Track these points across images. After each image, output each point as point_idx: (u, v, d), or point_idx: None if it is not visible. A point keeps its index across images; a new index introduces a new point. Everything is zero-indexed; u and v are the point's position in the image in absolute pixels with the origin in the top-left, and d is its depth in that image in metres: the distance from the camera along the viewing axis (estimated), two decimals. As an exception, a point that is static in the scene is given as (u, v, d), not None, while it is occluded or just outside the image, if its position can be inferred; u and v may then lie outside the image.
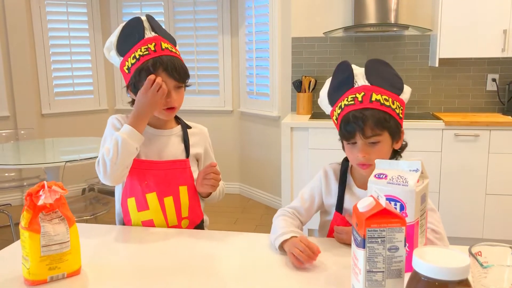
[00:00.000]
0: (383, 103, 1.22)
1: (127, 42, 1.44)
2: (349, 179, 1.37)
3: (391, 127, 1.24)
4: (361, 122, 1.20)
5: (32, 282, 1.03)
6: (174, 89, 1.43)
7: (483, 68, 3.49)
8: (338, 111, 1.27)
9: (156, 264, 1.15)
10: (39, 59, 4.26)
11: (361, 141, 1.22)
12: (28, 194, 1.03)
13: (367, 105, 1.21)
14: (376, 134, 1.22)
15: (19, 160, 3.14)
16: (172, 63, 1.40)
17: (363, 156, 1.23)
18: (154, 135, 1.52)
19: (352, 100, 1.23)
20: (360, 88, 1.24)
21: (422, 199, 0.97)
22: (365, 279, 0.82)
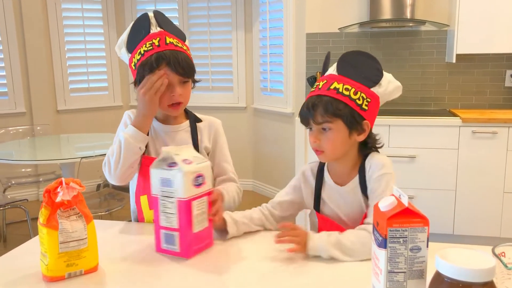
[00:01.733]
0: (341, 91, 1.23)
1: (135, 38, 1.43)
2: (326, 175, 1.36)
3: (345, 116, 1.23)
4: (312, 108, 1.23)
5: (51, 278, 1.04)
6: (179, 84, 1.41)
7: (502, 64, 3.42)
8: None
9: (172, 261, 1.15)
10: (54, 56, 4.29)
11: (314, 126, 1.25)
12: (46, 191, 1.03)
13: (324, 92, 1.24)
14: (326, 121, 1.23)
15: (35, 156, 3.18)
16: (175, 57, 1.38)
17: (313, 141, 1.26)
18: (163, 131, 1.51)
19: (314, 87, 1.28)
20: (325, 77, 1.28)
21: (194, 182, 1.13)
22: (386, 279, 0.80)
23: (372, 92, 1.26)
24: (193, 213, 1.14)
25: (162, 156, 1.17)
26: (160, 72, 1.36)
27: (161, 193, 1.16)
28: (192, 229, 1.14)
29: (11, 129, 3.77)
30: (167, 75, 1.37)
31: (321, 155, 1.28)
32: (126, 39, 1.46)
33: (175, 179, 1.12)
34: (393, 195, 0.83)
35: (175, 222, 1.14)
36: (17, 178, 3.69)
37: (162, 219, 1.16)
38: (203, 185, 1.17)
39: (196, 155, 1.21)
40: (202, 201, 1.17)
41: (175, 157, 1.14)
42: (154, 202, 1.18)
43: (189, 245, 1.15)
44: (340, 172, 1.33)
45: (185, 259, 1.15)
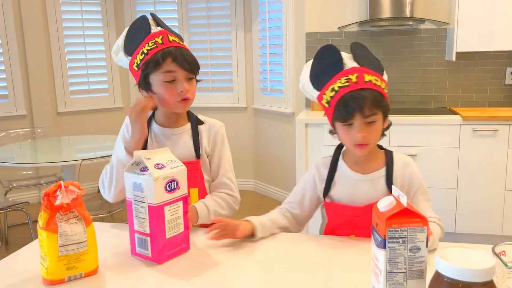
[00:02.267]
0: (375, 83, 1.25)
1: (134, 41, 1.43)
2: (341, 164, 1.38)
3: (384, 106, 1.27)
4: (360, 102, 1.22)
5: (51, 281, 1.04)
6: (186, 80, 1.40)
7: (502, 62, 3.42)
8: (330, 93, 1.27)
9: (172, 263, 1.15)
10: (54, 58, 4.30)
11: (359, 121, 1.24)
12: (45, 194, 1.03)
13: (363, 86, 1.23)
14: (373, 114, 1.24)
15: (36, 158, 3.18)
16: (181, 53, 1.38)
17: (362, 136, 1.25)
18: (164, 135, 1.50)
19: (346, 81, 1.25)
20: (351, 70, 1.27)
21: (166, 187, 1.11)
22: (385, 280, 0.80)
23: (385, 80, 1.31)
24: (166, 219, 1.12)
25: (135, 160, 1.15)
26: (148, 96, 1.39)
27: (134, 197, 1.14)
28: (164, 235, 1.13)
29: (12, 131, 3.77)
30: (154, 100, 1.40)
31: (365, 148, 1.28)
32: (122, 43, 1.46)
33: (145, 184, 1.10)
34: (392, 195, 0.83)
35: (147, 227, 1.12)
36: (18, 181, 3.69)
37: (135, 223, 1.15)
38: (177, 190, 1.14)
39: (172, 159, 1.18)
40: (175, 206, 1.15)
41: (146, 161, 1.11)
42: (128, 205, 1.16)
43: (161, 251, 1.13)
44: (361, 162, 1.35)
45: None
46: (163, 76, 1.38)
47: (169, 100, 1.41)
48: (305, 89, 1.38)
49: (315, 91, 1.33)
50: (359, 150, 1.28)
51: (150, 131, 1.51)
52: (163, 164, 1.14)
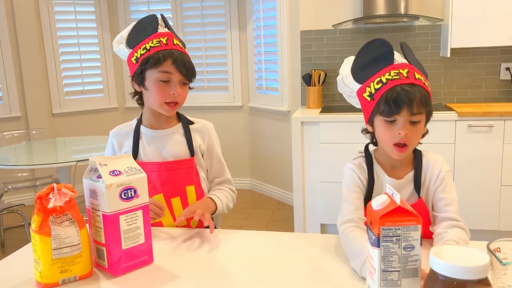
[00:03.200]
0: (424, 82, 1.19)
1: (139, 35, 1.45)
2: (379, 169, 1.30)
3: (430, 108, 1.20)
4: (411, 96, 1.14)
5: (45, 285, 1.03)
6: (180, 84, 1.43)
7: (496, 57, 3.42)
8: (376, 86, 1.19)
9: (167, 265, 1.14)
10: (48, 59, 4.27)
11: (405, 117, 1.16)
12: (38, 197, 1.02)
13: (414, 81, 1.16)
14: (420, 113, 1.17)
15: (31, 160, 3.16)
16: (181, 57, 1.41)
17: (405, 134, 1.16)
18: (155, 137, 1.51)
19: (396, 75, 1.17)
20: (403, 65, 1.20)
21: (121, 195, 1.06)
22: (380, 278, 0.80)
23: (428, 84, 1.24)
24: (121, 229, 1.07)
25: (90, 166, 1.10)
26: (162, 211, 1.37)
27: (91, 205, 1.10)
28: (120, 246, 1.07)
29: (6, 133, 3.75)
30: (163, 213, 1.37)
31: (405, 150, 1.19)
32: (126, 36, 1.48)
33: (99, 191, 1.06)
34: (386, 193, 0.83)
35: (103, 237, 1.07)
36: (14, 183, 3.67)
37: (93, 232, 1.10)
38: (135, 199, 1.09)
39: (131, 166, 1.12)
40: (133, 216, 1.09)
41: (99, 167, 1.07)
42: (87, 214, 1.12)
43: (117, 262, 1.08)
44: (394, 165, 1.28)
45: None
46: (159, 75, 1.40)
47: (158, 99, 1.43)
48: (344, 81, 1.30)
49: (356, 84, 1.26)
50: (397, 153, 1.20)
51: (140, 135, 1.52)
52: (120, 171, 1.09)
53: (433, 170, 1.27)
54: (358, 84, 1.25)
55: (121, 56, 1.53)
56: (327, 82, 3.59)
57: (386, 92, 1.16)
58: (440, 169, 1.27)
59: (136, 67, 1.44)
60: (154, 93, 1.43)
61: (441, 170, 1.27)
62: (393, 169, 1.29)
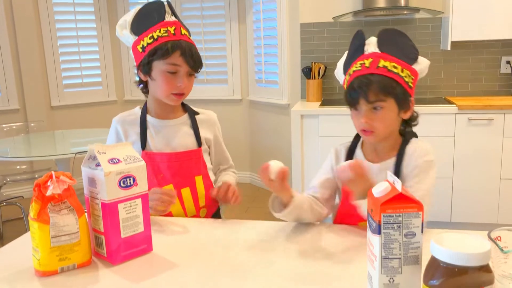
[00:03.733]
0: (391, 69, 1.22)
1: (144, 22, 1.42)
2: (359, 153, 1.36)
3: (397, 94, 1.23)
4: (365, 87, 1.20)
5: (43, 273, 1.03)
6: (186, 75, 1.42)
7: (497, 51, 3.41)
8: (347, 77, 1.28)
9: (167, 254, 1.14)
10: (47, 51, 4.25)
11: (365, 106, 1.23)
12: (36, 185, 1.01)
13: (373, 71, 1.22)
14: (380, 100, 1.22)
15: (30, 152, 3.15)
16: (189, 49, 1.40)
17: (365, 122, 1.23)
18: (162, 126, 1.51)
19: (359, 66, 1.24)
20: (369, 55, 1.25)
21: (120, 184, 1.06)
22: (381, 266, 0.79)
23: (413, 69, 1.27)
24: (120, 217, 1.06)
25: (90, 154, 1.09)
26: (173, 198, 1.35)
27: (89, 194, 1.09)
28: (119, 234, 1.07)
29: (4, 126, 3.74)
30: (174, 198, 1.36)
31: (371, 136, 1.26)
32: (131, 21, 1.44)
33: (98, 179, 1.05)
34: (387, 180, 0.82)
35: (102, 225, 1.07)
36: (12, 175, 3.66)
37: (92, 220, 1.10)
38: (134, 187, 1.08)
39: (130, 154, 1.11)
40: (132, 204, 1.08)
41: (98, 155, 1.06)
42: (86, 202, 1.12)
43: (116, 251, 1.07)
44: (378, 150, 1.33)
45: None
46: (167, 67, 1.39)
47: (164, 90, 1.42)
48: (337, 74, 1.39)
49: (343, 76, 1.34)
50: (365, 137, 1.28)
51: (147, 124, 1.51)
52: (119, 159, 1.08)
53: (412, 158, 1.28)
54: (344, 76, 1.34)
55: (125, 42, 1.49)
56: (327, 75, 3.57)
57: (349, 85, 1.25)
58: (420, 157, 1.27)
59: (142, 56, 1.42)
60: (161, 84, 1.42)
61: (419, 158, 1.27)
62: (377, 154, 1.33)
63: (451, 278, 0.72)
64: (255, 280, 0.99)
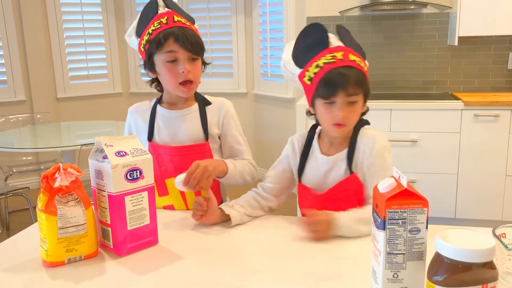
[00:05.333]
0: (359, 63, 1.23)
1: (143, 22, 1.43)
2: (315, 146, 1.36)
3: (366, 88, 1.25)
4: (345, 79, 1.20)
5: (50, 263, 1.04)
6: (188, 60, 1.39)
7: (504, 46, 3.39)
8: (314, 69, 1.24)
9: (172, 246, 1.15)
10: (53, 43, 4.26)
11: (342, 99, 1.22)
12: (44, 177, 1.02)
13: (348, 63, 1.21)
14: (355, 93, 1.22)
15: (36, 144, 3.17)
16: (183, 33, 1.36)
17: (343, 116, 1.22)
18: (170, 117, 1.49)
19: (332, 58, 1.22)
20: (337, 48, 1.24)
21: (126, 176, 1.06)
22: (385, 261, 0.80)
23: (367, 65, 1.29)
24: (127, 209, 1.07)
25: (97, 147, 1.10)
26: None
27: (96, 186, 1.10)
28: (125, 226, 1.08)
29: (11, 117, 3.75)
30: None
31: (343, 128, 1.25)
32: (135, 26, 1.47)
33: (105, 172, 1.06)
34: (393, 176, 0.83)
35: (108, 217, 1.08)
36: (18, 166, 3.69)
37: (98, 212, 1.11)
38: (140, 180, 1.09)
39: (137, 147, 1.12)
40: (138, 197, 1.09)
41: (105, 148, 1.07)
42: (93, 194, 1.13)
43: (122, 243, 1.08)
44: (334, 142, 1.33)
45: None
46: (165, 56, 1.38)
47: (171, 80, 1.41)
48: (286, 67, 1.34)
49: (297, 69, 1.30)
50: (336, 130, 1.26)
51: (156, 115, 1.51)
52: (126, 152, 1.08)
53: (365, 147, 1.29)
54: (299, 69, 1.29)
55: (134, 47, 1.51)
56: (333, 69, 3.56)
57: (323, 76, 1.21)
58: (372, 146, 1.28)
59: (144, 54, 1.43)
60: (165, 76, 1.41)
61: (373, 147, 1.28)
62: (332, 146, 1.33)
63: (455, 274, 0.72)
64: (259, 274, 1.00)
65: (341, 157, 1.30)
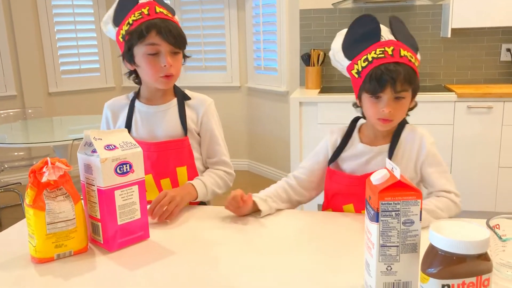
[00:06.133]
0: (410, 59, 1.22)
1: (122, 11, 1.39)
2: (355, 137, 1.36)
3: (415, 85, 1.25)
4: (394, 76, 1.19)
5: (39, 260, 1.02)
6: (170, 54, 1.36)
7: (497, 38, 3.38)
8: (363, 63, 1.23)
9: (163, 241, 1.13)
10: (44, 37, 4.21)
11: (389, 95, 1.21)
12: (31, 171, 1.01)
13: (398, 60, 1.20)
14: (404, 90, 1.22)
15: (27, 138, 3.14)
16: (166, 26, 1.33)
17: (389, 111, 1.22)
18: (148, 113, 1.46)
19: (381, 53, 1.21)
20: (388, 42, 1.23)
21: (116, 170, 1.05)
22: (378, 253, 0.79)
23: (418, 59, 1.28)
24: (117, 204, 1.06)
25: (85, 141, 1.09)
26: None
27: (85, 180, 1.08)
28: (116, 221, 1.06)
29: (2, 112, 3.71)
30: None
31: (388, 124, 1.25)
32: (113, 14, 1.42)
33: (94, 166, 1.04)
34: (386, 168, 0.81)
35: (98, 212, 1.06)
36: (10, 162, 3.65)
37: (88, 207, 1.09)
38: (130, 174, 1.07)
39: (127, 141, 1.10)
40: (129, 191, 1.08)
41: (94, 142, 1.05)
42: (82, 189, 1.11)
43: (113, 238, 1.07)
44: (377, 135, 1.33)
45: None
46: (146, 48, 1.34)
47: (151, 74, 1.37)
48: (335, 57, 1.34)
49: (346, 60, 1.29)
50: (382, 125, 1.26)
51: (134, 110, 1.48)
52: (115, 145, 1.07)
53: (412, 144, 1.30)
54: (348, 61, 1.29)
55: (111, 36, 1.46)
56: (326, 62, 3.55)
57: (371, 71, 1.21)
58: (421, 144, 1.31)
59: (123, 45, 1.39)
60: (145, 69, 1.37)
61: (422, 145, 1.31)
62: (375, 139, 1.33)
63: (449, 266, 0.71)
64: (252, 269, 0.99)
65: (383, 149, 1.31)
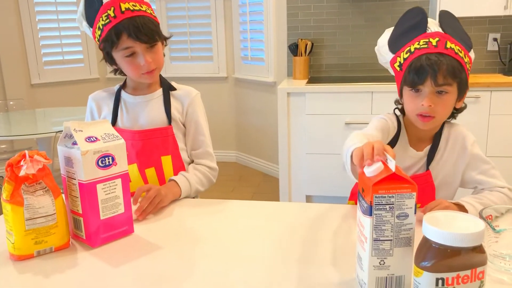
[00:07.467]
0: (457, 52, 1.14)
1: (91, 11, 1.35)
2: (404, 134, 1.28)
3: (461, 79, 1.15)
4: (435, 67, 1.10)
5: (18, 257, 0.98)
6: (146, 51, 1.34)
7: (484, 28, 3.38)
8: (405, 55, 1.16)
9: (149, 235, 1.10)
10: (25, 27, 4.10)
11: (429, 88, 1.13)
12: (8, 165, 0.96)
13: (442, 51, 1.12)
14: (447, 84, 1.13)
15: (10, 131, 3.06)
16: (134, 25, 1.29)
17: (428, 106, 1.13)
18: (133, 103, 1.45)
19: (425, 44, 1.13)
20: (434, 33, 1.16)
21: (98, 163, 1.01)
22: (371, 247, 0.76)
23: (470, 57, 1.19)
24: (99, 198, 1.02)
25: (66, 133, 1.04)
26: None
27: (66, 174, 1.04)
28: (98, 215, 1.02)
29: (-18, 104, 3.62)
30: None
31: (430, 121, 1.17)
32: (84, 11, 1.38)
33: (74, 158, 1.00)
34: (380, 159, 0.79)
35: (80, 207, 1.02)
36: (-8, 155, 3.57)
37: (69, 202, 1.05)
38: (113, 167, 1.03)
39: (109, 132, 1.06)
40: (111, 184, 1.04)
41: (74, 133, 1.00)
42: (63, 182, 1.07)
43: (95, 233, 1.03)
44: (421, 137, 1.26)
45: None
46: (122, 52, 1.33)
47: (133, 74, 1.38)
48: (380, 51, 1.28)
49: (390, 54, 1.23)
50: (422, 123, 1.17)
51: (120, 100, 1.47)
52: (97, 137, 1.03)
53: (454, 144, 1.25)
54: (391, 54, 1.22)
55: (89, 34, 1.43)
56: (314, 52, 3.51)
57: (411, 62, 1.13)
58: (464, 145, 1.25)
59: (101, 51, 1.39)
60: (127, 70, 1.38)
61: (465, 145, 1.26)
62: (418, 140, 1.26)
63: (443, 259, 0.69)
64: (240, 262, 0.96)
65: (423, 154, 1.25)
